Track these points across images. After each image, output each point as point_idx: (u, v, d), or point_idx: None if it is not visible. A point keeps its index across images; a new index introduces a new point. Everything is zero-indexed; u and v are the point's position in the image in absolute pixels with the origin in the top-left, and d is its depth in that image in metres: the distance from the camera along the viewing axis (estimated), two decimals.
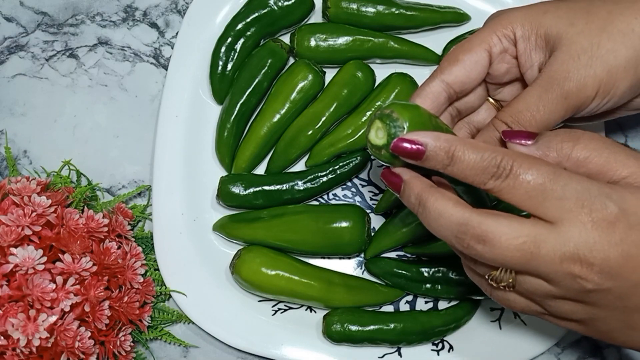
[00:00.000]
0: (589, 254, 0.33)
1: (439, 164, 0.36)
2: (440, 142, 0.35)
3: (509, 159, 0.34)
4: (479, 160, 0.35)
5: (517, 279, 0.36)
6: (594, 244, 0.33)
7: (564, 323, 0.38)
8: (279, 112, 0.56)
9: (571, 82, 0.40)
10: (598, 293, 0.34)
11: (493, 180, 0.34)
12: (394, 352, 0.54)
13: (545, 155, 0.37)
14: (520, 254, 0.34)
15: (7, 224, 0.44)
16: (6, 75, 0.60)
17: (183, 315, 0.54)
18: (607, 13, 0.41)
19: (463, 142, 0.35)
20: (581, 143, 0.37)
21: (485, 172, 0.34)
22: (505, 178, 0.34)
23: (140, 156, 0.59)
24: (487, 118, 0.48)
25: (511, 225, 0.34)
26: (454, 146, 0.35)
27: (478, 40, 0.43)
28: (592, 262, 0.33)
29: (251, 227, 0.54)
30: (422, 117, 0.38)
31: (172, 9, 0.62)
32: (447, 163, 0.35)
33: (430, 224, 0.37)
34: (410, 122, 0.37)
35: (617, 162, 0.36)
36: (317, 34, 0.57)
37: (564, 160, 0.37)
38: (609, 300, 0.35)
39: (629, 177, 0.35)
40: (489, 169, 0.34)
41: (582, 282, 0.34)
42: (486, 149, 0.35)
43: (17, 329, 0.41)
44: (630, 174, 0.35)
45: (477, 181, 0.35)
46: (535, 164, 0.34)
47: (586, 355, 0.56)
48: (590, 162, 0.36)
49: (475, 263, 0.38)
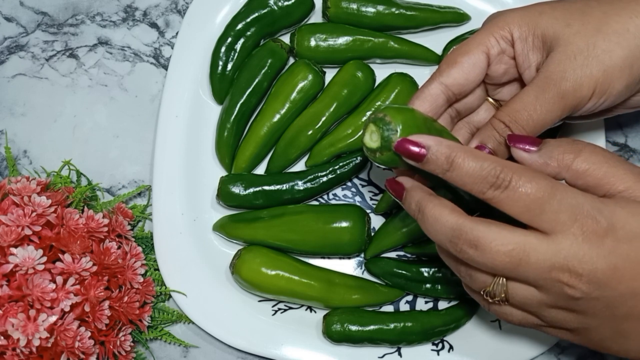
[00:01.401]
0: (578, 265, 0.34)
1: (439, 169, 0.37)
2: (442, 147, 0.37)
3: (509, 170, 0.35)
4: (478, 169, 0.36)
5: (509, 287, 0.37)
6: (583, 256, 0.34)
7: (560, 333, 0.40)
8: (279, 112, 0.56)
9: (568, 82, 0.40)
10: (587, 301, 0.35)
11: (492, 190, 0.35)
12: (394, 352, 0.54)
13: (546, 164, 0.38)
14: (509, 259, 0.35)
15: (7, 224, 0.44)
16: (6, 75, 0.60)
17: (183, 315, 0.54)
18: (602, 14, 0.41)
19: (464, 149, 0.37)
20: (582, 156, 0.38)
21: (484, 182, 0.36)
22: (504, 189, 0.35)
23: (140, 156, 0.59)
24: (486, 118, 0.48)
25: (501, 233, 0.35)
26: (455, 152, 0.36)
27: (476, 43, 0.44)
28: (581, 273, 0.34)
29: (251, 227, 0.54)
30: (417, 121, 0.39)
31: (172, 9, 0.62)
32: (447, 168, 0.37)
33: (428, 229, 0.38)
34: (403, 125, 0.38)
35: (615, 176, 0.37)
36: (317, 34, 0.57)
37: (563, 170, 0.38)
38: (598, 309, 0.36)
39: (625, 191, 0.36)
40: (488, 178, 0.35)
41: (570, 290, 0.35)
42: (486, 158, 0.36)
43: (17, 329, 0.41)
44: (626, 189, 0.36)
45: (476, 189, 0.36)
46: (534, 177, 0.35)
47: (586, 356, 0.56)
48: (589, 174, 0.37)
49: (470, 278, 0.39)
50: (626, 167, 0.37)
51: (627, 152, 0.60)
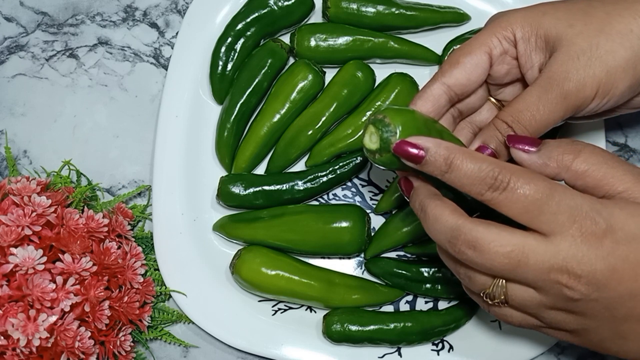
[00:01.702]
0: (577, 267, 0.34)
1: (437, 170, 0.37)
2: (440, 149, 0.37)
3: (507, 172, 0.35)
4: (476, 171, 0.36)
5: (508, 289, 0.37)
6: (582, 257, 0.34)
7: (559, 334, 0.40)
8: (279, 112, 0.56)
9: (570, 82, 0.40)
10: (586, 303, 0.35)
11: (490, 192, 0.36)
12: (394, 352, 0.54)
13: (545, 165, 0.38)
14: (507, 260, 0.35)
15: (7, 224, 0.44)
16: (6, 75, 0.60)
17: (183, 315, 0.54)
18: (605, 14, 0.41)
19: (462, 151, 0.36)
20: (581, 156, 0.38)
21: (483, 183, 0.36)
22: (502, 191, 0.35)
23: (140, 156, 0.59)
24: (489, 118, 0.48)
25: (500, 234, 0.35)
26: (453, 154, 0.36)
27: (478, 43, 0.44)
28: (580, 274, 0.34)
29: (251, 227, 0.54)
30: (417, 122, 0.38)
31: (172, 9, 0.62)
32: (445, 170, 0.37)
33: (429, 228, 0.38)
34: (403, 126, 0.37)
35: (614, 177, 0.37)
36: (317, 34, 0.57)
37: (563, 171, 0.38)
38: (597, 311, 0.36)
39: (624, 192, 0.36)
40: (486, 180, 0.35)
41: (569, 292, 0.35)
42: (484, 160, 0.36)
43: (17, 329, 0.41)
44: (625, 190, 0.36)
45: (474, 191, 0.36)
46: (532, 179, 0.35)
47: (586, 356, 0.56)
48: (588, 175, 0.37)
49: (470, 280, 0.39)
50: (625, 167, 0.37)
51: (627, 152, 0.60)
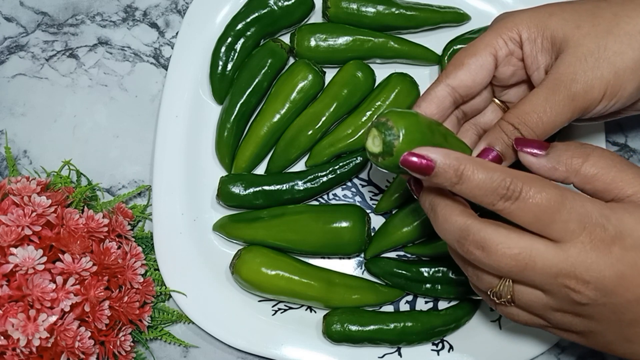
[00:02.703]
0: (585, 273, 0.34)
1: (447, 182, 0.36)
2: (450, 160, 0.36)
3: (519, 181, 0.35)
4: (488, 181, 0.35)
5: (515, 290, 0.37)
6: (590, 264, 0.34)
7: (566, 335, 0.40)
8: (279, 112, 0.56)
9: (578, 84, 0.40)
10: (593, 307, 0.36)
11: (502, 202, 0.35)
12: (394, 352, 0.54)
13: (554, 169, 0.38)
14: (514, 262, 0.35)
15: (7, 224, 0.44)
16: (6, 75, 0.60)
17: (183, 315, 0.54)
18: (612, 15, 0.41)
19: (473, 161, 0.36)
20: (590, 160, 0.37)
21: (495, 194, 0.35)
22: (515, 200, 0.35)
23: (140, 156, 0.59)
24: (493, 119, 0.48)
25: (509, 236, 0.35)
26: (464, 165, 0.36)
27: (483, 44, 0.43)
28: (588, 280, 0.35)
29: (251, 227, 0.54)
30: (420, 125, 0.38)
31: (172, 9, 0.62)
32: (456, 181, 0.36)
33: (438, 228, 0.39)
34: (406, 130, 0.37)
35: (624, 181, 0.37)
36: (317, 34, 0.57)
37: (572, 175, 0.38)
38: (604, 315, 0.36)
39: (633, 195, 0.36)
40: (498, 190, 0.35)
41: (577, 296, 0.35)
42: (496, 169, 0.36)
43: (17, 329, 0.41)
44: (634, 193, 0.36)
45: (486, 201, 0.36)
46: (544, 187, 0.35)
47: (586, 356, 0.56)
48: (597, 179, 0.37)
49: (477, 278, 0.39)
50: (635, 171, 0.37)
51: (627, 152, 0.60)
